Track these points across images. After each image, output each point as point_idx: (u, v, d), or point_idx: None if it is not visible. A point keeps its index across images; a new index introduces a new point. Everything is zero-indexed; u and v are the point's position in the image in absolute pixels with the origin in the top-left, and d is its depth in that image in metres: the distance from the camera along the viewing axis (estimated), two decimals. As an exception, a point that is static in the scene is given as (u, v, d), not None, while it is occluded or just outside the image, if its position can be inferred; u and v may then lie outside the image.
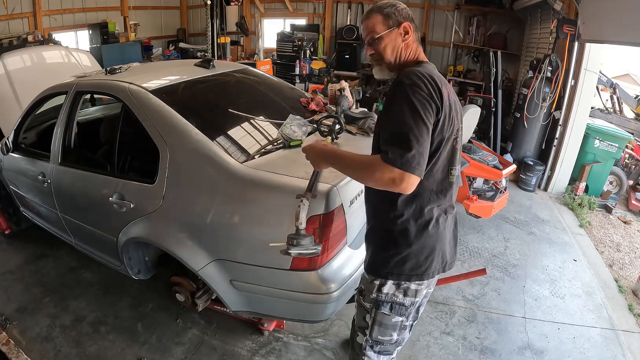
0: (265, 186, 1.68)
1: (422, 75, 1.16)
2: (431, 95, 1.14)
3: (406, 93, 1.13)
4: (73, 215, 2.43)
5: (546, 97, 4.69)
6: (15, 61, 3.54)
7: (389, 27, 1.29)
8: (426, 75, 1.17)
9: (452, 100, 1.25)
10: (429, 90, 1.14)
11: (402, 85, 1.15)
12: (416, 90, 1.13)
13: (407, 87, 1.14)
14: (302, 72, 7.41)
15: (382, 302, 1.33)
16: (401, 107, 1.13)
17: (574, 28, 4.33)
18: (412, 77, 1.16)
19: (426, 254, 1.29)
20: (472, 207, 3.42)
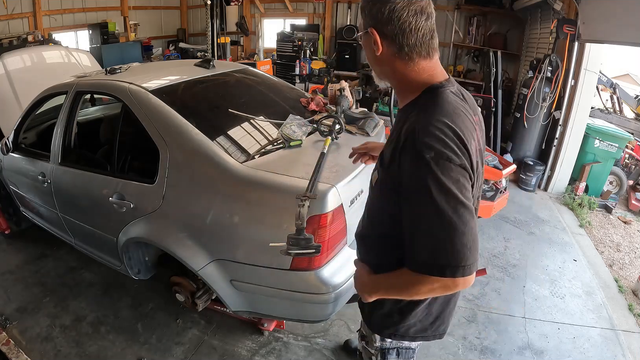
0: (265, 186, 1.68)
1: (445, 133, 0.83)
2: (463, 164, 0.83)
3: (434, 174, 0.81)
4: (73, 215, 2.43)
5: (546, 97, 4.69)
6: (15, 61, 3.55)
7: (362, 28, 0.95)
8: (450, 131, 0.84)
9: (479, 149, 0.95)
10: (459, 157, 0.83)
11: (423, 161, 0.81)
12: (446, 166, 0.81)
13: (431, 164, 0.81)
14: (302, 72, 7.41)
15: (387, 349, 1.22)
16: (433, 199, 0.81)
17: (574, 28, 4.33)
18: (433, 142, 0.82)
19: (433, 320, 1.15)
20: (472, 207, 3.42)
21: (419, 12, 0.88)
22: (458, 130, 0.85)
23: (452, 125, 0.85)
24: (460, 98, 0.95)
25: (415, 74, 0.93)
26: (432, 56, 0.94)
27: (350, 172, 1.78)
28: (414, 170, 0.84)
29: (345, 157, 1.92)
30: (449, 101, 0.90)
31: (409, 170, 0.85)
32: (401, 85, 0.97)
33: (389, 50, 0.92)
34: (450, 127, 0.84)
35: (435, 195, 0.81)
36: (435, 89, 0.92)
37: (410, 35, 0.89)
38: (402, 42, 0.90)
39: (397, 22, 0.88)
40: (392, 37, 0.90)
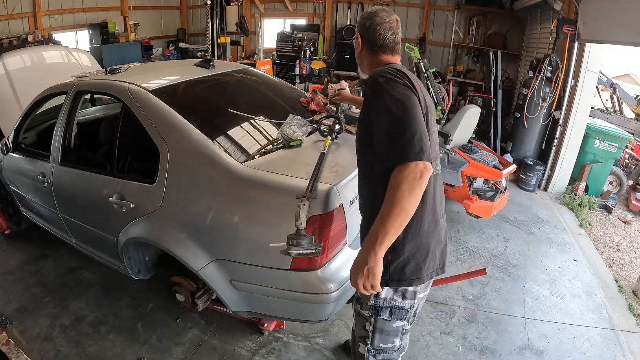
0: (265, 186, 1.68)
1: (392, 69, 1.25)
2: (406, 83, 1.21)
3: (384, 90, 1.18)
4: (73, 215, 2.43)
5: (546, 97, 4.69)
6: (15, 61, 3.54)
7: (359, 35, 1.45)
8: (396, 70, 1.25)
9: (423, 91, 1.29)
10: (404, 82, 1.20)
11: (377, 85, 1.21)
12: (393, 85, 1.19)
13: (383, 84, 1.19)
14: (302, 72, 7.41)
15: (380, 307, 1.31)
16: (385, 104, 1.16)
17: (574, 28, 4.33)
18: (384, 73, 1.22)
19: (424, 255, 1.27)
20: (472, 207, 3.43)
21: (387, 29, 1.38)
22: (403, 70, 1.27)
23: (398, 68, 1.28)
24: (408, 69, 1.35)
25: (379, 62, 1.40)
26: (393, 55, 1.41)
27: (350, 172, 1.78)
28: (371, 92, 1.23)
29: (345, 157, 1.93)
30: (399, 66, 1.35)
31: (369, 96, 1.24)
32: (371, 69, 1.39)
33: (364, 48, 1.43)
34: (396, 68, 1.27)
35: (387, 103, 1.15)
36: (390, 63, 1.37)
37: (378, 40, 1.38)
38: (372, 44, 1.40)
39: (372, 32, 1.38)
40: (367, 40, 1.41)
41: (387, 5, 8.00)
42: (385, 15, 1.38)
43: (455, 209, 3.89)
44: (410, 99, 1.17)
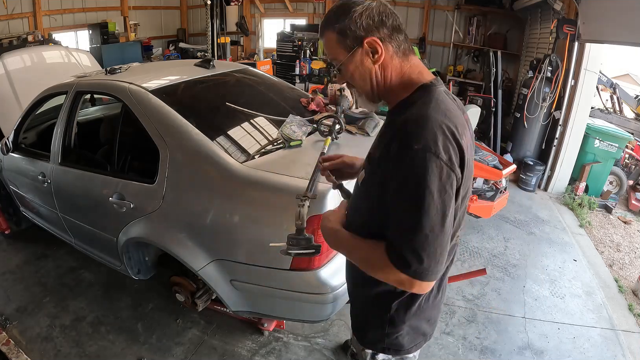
0: (265, 186, 1.68)
1: (439, 127, 0.81)
2: (452, 163, 0.81)
3: (423, 169, 0.79)
4: (73, 215, 2.43)
5: (546, 97, 4.69)
6: (15, 61, 3.54)
7: (348, 49, 0.92)
8: (444, 127, 0.82)
9: (470, 149, 0.93)
10: (449, 157, 0.81)
11: (412, 152, 0.80)
12: (435, 163, 0.79)
13: (421, 157, 0.79)
14: (302, 72, 7.41)
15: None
16: (417, 190, 0.80)
17: (574, 28, 4.33)
18: (425, 134, 0.80)
19: (425, 326, 1.11)
20: (472, 207, 3.42)
21: (391, 13, 0.92)
22: (451, 126, 0.83)
23: (445, 122, 0.83)
24: (450, 97, 0.96)
25: (410, 70, 0.95)
26: (413, 55, 0.98)
27: (350, 172, 1.78)
28: (400, 158, 0.82)
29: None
30: (442, 99, 0.90)
31: (393, 155, 0.84)
32: (397, 85, 0.95)
33: (387, 52, 0.92)
34: (443, 122, 0.83)
35: (421, 191, 0.80)
36: (428, 87, 0.92)
37: (400, 32, 0.93)
38: (398, 38, 0.93)
39: (388, 21, 0.91)
40: (388, 37, 0.91)
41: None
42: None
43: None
44: (450, 202, 0.82)
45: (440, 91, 0.92)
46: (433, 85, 0.92)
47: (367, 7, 0.89)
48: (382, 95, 0.97)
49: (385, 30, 0.90)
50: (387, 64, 0.93)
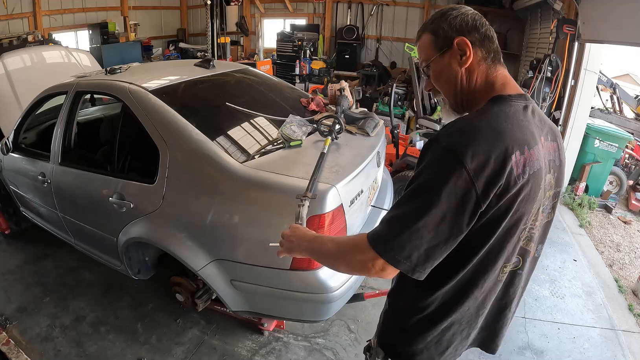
0: (265, 186, 1.68)
1: (482, 137, 0.77)
2: (477, 179, 0.75)
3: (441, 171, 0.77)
4: (73, 215, 2.43)
5: (546, 97, 4.68)
6: (15, 61, 3.54)
7: (438, 50, 0.92)
8: (489, 141, 0.77)
9: (534, 172, 0.83)
10: (477, 171, 0.75)
11: (438, 147, 0.80)
12: (454, 168, 0.76)
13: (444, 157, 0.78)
14: (302, 72, 7.42)
15: None
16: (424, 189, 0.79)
17: (574, 28, 4.33)
18: (461, 139, 0.78)
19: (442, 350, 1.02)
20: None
21: (486, 23, 0.93)
22: (502, 144, 0.77)
23: (493, 136, 0.78)
24: (531, 117, 0.89)
25: (494, 79, 0.92)
26: (501, 63, 0.94)
27: (350, 172, 1.78)
28: (425, 153, 0.82)
29: (345, 157, 1.93)
30: (510, 114, 0.84)
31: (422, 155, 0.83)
32: (479, 92, 0.92)
33: (476, 56, 0.91)
34: (490, 137, 0.78)
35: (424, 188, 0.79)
36: (501, 99, 0.88)
37: (492, 41, 0.92)
38: (489, 47, 0.92)
39: (481, 29, 0.91)
40: (479, 42, 0.91)
41: (387, 5, 8.05)
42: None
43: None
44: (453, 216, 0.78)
45: (513, 106, 0.87)
46: (509, 98, 0.88)
47: (463, 12, 0.92)
48: (465, 102, 0.94)
49: (477, 35, 0.90)
50: (474, 68, 0.91)
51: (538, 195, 0.87)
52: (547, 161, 0.90)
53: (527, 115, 0.89)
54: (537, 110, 0.92)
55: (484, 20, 0.93)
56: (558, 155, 0.96)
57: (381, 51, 8.42)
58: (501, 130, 0.80)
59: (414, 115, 5.54)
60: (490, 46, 0.92)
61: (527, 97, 0.91)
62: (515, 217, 0.84)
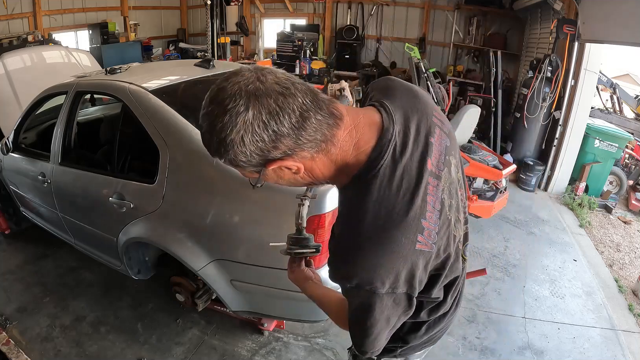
0: (265, 186, 1.67)
1: (375, 264, 0.69)
2: (396, 287, 0.72)
3: (366, 305, 0.74)
4: (73, 215, 2.43)
5: (546, 97, 4.69)
6: (15, 61, 3.55)
7: (254, 172, 0.72)
8: (380, 260, 0.69)
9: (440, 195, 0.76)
10: (392, 284, 0.71)
11: (352, 289, 0.76)
12: (377, 299, 0.73)
13: (362, 295, 0.74)
14: (302, 72, 7.42)
15: None
16: (365, 318, 0.76)
17: (574, 28, 4.33)
18: (360, 272, 0.71)
19: (438, 337, 1.08)
20: (472, 207, 3.42)
21: (280, 102, 0.63)
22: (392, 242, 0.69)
23: (380, 249, 0.69)
24: (410, 142, 0.74)
25: (342, 156, 0.72)
26: (339, 125, 0.69)
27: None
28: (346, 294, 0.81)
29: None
30: (377, 197, 0.70)
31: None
32: (335, 175, 0.76)
33: (305, 159, 0.69)
34: (377, 253, 0.69)
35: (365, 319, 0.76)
36: (360, 180, 0.72)
37: (307, 121, 0.65)
38: (310, 134, 0.66)
39: (284, 125, 0.63)
40: (295, 145, 0.66)
41: (387, 5, 8.05)
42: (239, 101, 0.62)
43: (455, 209, 3.89)
44: (400, 311, 0.78)
45: (376, 183, 0.70)
46: (368, 176, 0.71)
47: (242, 124, 0.62)
48: (326, 183, 0.80)
49: (286, 141, 0.64)
50: (313, 168, 0.72)
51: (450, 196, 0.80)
52: (443, 157, 0.79)
53: (403, 151, 0.72)
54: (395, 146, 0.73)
55: (274, 93, 0.62)
56: (443, 131, 0.81)
57: (381, 51, 8.42)
58: (389, 222, 0.69)
59: (414, 115, 5.54)
60: (311, 127, 0.65)
61: (385, 132, 0.72)
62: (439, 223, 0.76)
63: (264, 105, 0.62)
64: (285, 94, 0.63)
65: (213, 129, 0.66)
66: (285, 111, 0.63)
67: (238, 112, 0.62)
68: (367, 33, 8.43)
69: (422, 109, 0.80)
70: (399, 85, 0.86)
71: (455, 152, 0.86)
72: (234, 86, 0.63)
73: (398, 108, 0.77)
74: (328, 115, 0.67)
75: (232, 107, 0.62)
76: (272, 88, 0.63)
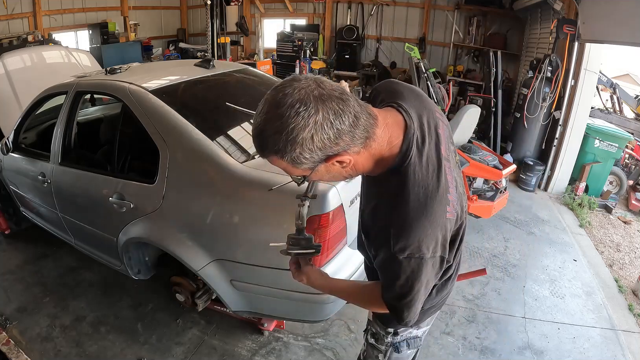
0: (265, 186, 1.68)
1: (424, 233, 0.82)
2: (443, 251, 0.86)
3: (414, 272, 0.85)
4: (73, 215, 2.43)
5: (546, 97, 4.69)
6: (15, 61, 3.54)
7: (307, 169, 0.82)
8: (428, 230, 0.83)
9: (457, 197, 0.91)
10: (437, 249, 0.85)
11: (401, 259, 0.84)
12: (425, 264, 0.84)
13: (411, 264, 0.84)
14: (302, 72, 7.41)
15: (398, 342, 1.25)
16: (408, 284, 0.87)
17: (574, 28, 4.33)
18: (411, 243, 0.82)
19: (444, 301, 1.23)
20: (472, 207, 3.42)
21: (340, 105, 0.74)
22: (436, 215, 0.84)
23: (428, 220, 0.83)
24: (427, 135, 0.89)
25: (379, 150, 0.84)
26: (377, 124, 0.81)
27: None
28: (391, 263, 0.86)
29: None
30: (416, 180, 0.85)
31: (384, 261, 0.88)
32: (372, 168, 0.88)
33: (355, 155, 0.81)
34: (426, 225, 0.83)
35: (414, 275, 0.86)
36: (397, 170, 0.86)
37: (359, 119, 0.77)
38: (361, 131, 0.78)
39: (344, 124, 0.75)
40: (350, 141, 0.77)
41: (387, 5, 8.05)
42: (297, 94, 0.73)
43: (455, 209, 3.89)
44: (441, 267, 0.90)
45: (410, 169, 0.85)
46: (402, 164, 0.85)
47: (313, 124, 0.72)
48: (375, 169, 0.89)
49: (346, 137, 0.76)
50: (357, 162, 0.84)
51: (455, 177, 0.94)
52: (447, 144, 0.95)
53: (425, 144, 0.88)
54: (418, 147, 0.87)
55: (335, 99, 0.74)
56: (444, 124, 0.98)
57: (381, 51, 8.42)
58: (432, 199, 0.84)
59: (414, 115, 5.54)
60: (360, 125, 0.77)
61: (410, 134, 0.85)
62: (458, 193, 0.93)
63: (331, 107, 0.73)
64: (342, 99, 0.75)
65: (283, 130, 0.72)
66: (345, 113, 0.75)
67: (309, 114, 0.72)
68: (367, 33, 8.43)
69: (428, 107, 0.95)
70: (404, 87, 0.99)
71: (452, 141, 1.03)
72: (300, 91, 0.73)
73: (411, 107, 0.91)
74: (369, 116, 0.80)
75: (304, 110, 0.71)
76: (332, 94, 0.75)
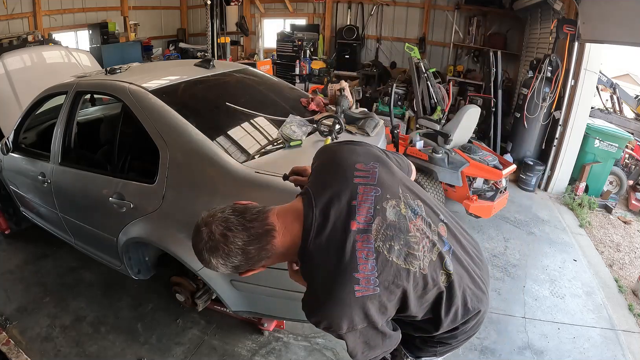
0: (265, 186, 1.68)
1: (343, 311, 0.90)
2: (370, 316, 0.92)
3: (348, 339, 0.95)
4: (73, 215, 2.43)
5: (546, 97, 4.69)
6: (15, 61, 3.54)
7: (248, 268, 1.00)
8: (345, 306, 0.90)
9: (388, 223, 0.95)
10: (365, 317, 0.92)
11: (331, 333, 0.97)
12: (353, 333, 0.94)
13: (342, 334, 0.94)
14: (302, 72, 7.42)
15: None
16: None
17: (574, 28, 4.33)
18: (334, 321, 0.92)
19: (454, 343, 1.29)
20: (472, 207, 3.42)
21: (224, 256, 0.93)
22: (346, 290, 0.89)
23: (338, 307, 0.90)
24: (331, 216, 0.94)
25: (284, 247, 0.96)
26: (274, 235, 0.94)
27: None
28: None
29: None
30: (320, 269, 0.94)
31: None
32: (292, 254, 1.00)
33: (262, 265, 0.99)
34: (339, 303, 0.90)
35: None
36: (302, 255, 0.97)
37: (248, 261, 0.95)
38: (252, 261, 0.95)
39: (236, 267, 0.96)
40: (250, 266, 0.97)
41: (387, 5, 8.05)
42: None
43: (455, 209, 3.88)
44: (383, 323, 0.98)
45: (311, 255, 0.95)
46: (305, 253, 0.95)
47: (216, 262, 0.94)
48: (290, 254, 1.01)
49: (245, 266, 0.96)
50: (272, 262, 0.99)
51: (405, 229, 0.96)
52: (372, 209, 0.94)
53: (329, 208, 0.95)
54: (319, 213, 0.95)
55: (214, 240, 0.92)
56: (368, 185, 0.97)
57: (381, 51, 8.42)
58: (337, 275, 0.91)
59: (414, 115, 5.54)
60: (248, 255, 0.94)
61: (308, 210, 0.95)
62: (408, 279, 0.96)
63: (219, 255, 0.92)
64: (226, 245, 0.92)
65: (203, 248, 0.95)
66: (231, 256, 0.92)
67: (214, 257, 0.94)
68: (367, 33, 8.43)
69: (342, 179, 0.98)
70: (328, 160, 1.06)
71: (395, 188, 0.99)
72: (200, 244, 0.95)
73: (321, 189, 0.97)
74: (265, 238, 0.93)
75: (208, 255, 0.94)
76: (217, 245, 0.92)
